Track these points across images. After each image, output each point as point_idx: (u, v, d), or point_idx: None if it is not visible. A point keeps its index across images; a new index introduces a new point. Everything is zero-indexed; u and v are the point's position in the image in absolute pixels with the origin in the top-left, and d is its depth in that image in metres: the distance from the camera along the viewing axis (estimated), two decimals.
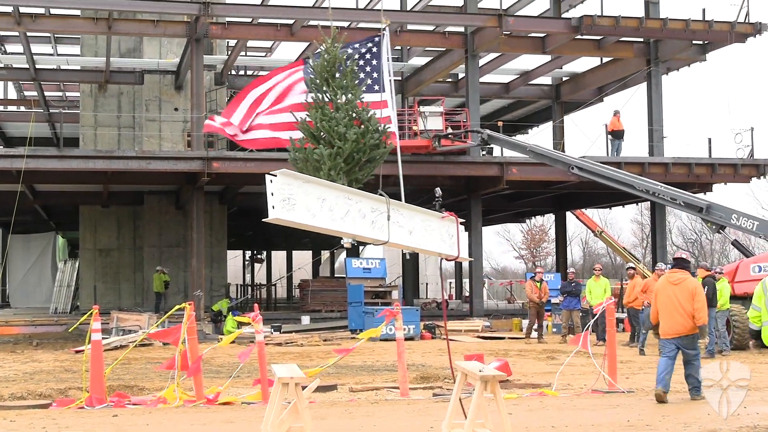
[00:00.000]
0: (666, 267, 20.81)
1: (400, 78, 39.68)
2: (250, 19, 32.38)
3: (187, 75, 33.32)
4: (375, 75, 13.99)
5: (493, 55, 37.76)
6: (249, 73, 44.36)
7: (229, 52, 36.84)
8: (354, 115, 12.26)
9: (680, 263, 13.49)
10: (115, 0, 32.49)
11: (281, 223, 9.33)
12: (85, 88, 37.66)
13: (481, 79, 36.19)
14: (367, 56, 14.55)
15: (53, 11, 34.25)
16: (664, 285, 13.26)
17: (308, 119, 12.14)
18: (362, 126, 12.21)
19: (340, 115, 12.07)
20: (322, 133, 11.78)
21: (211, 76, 36.79)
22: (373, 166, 12.30)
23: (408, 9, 37.55)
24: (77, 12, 33.66)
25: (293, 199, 9.29)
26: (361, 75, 14.71)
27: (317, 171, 11.89)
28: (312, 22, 32.34)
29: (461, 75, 38.73)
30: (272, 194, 9.04)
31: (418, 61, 40.78)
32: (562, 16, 38.46)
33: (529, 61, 39.73)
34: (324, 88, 12.36)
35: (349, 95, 12.30)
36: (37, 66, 36.17)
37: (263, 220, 9.42)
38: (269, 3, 34.75)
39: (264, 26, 32.15)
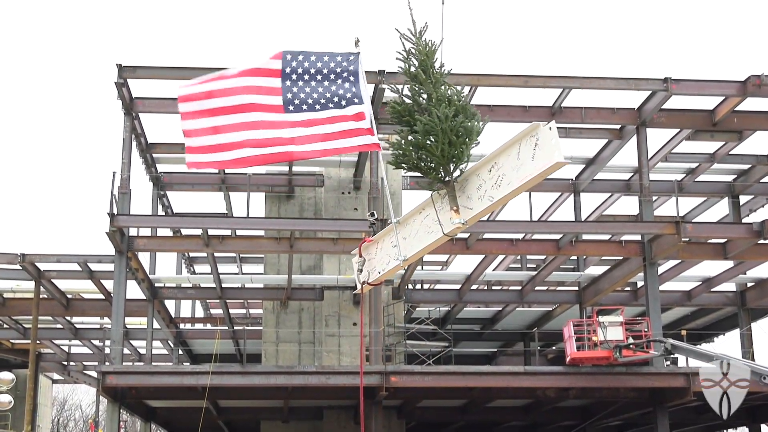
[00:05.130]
0: None
1: (576, 288, 39.26)
2: None
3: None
4: (354, 90, 13.63)
5: (672, 262, 37.04)
6: (426, 286, 44.84)
7: (406, 267, 37.44)
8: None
9: None
10: (296, 221, 33.99)
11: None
12: (267, 305, 38.77)
13: (662, 287, 35.39)
14: (338, 70, 14.12)
15: (239, 233, 35.92)
16: None
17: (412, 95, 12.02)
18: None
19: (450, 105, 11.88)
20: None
21: (389, 291, 37.34)
22: None
23: (582, 219, 37.57)
24: (261, 233, 35.15)
25: None
26: (342, 89, 14.26)
27: (451, 146, 11.51)
28: (487, 235, 32.71)
29: (640, 283, 38.02)
30: None
31: (595, 270, 40.37)
32: (743, 221, 37.66)
33: (710, 267, 38.76)
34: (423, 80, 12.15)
35: (449, 89, 12.07)
36: (223, 285, 37.61)
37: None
38: None
39: None
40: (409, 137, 11.70)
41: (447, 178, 11.60)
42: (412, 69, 11.96)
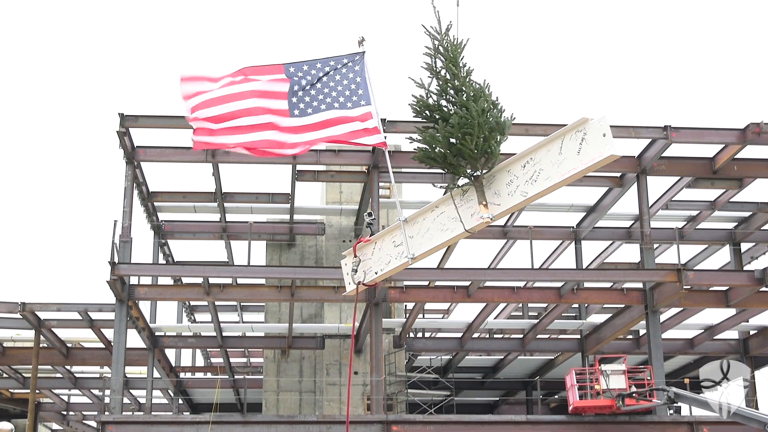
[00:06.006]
0: None
1: (578, 336, 39.12)
2: (427, 282, 32.95)
3: (366, 338, 33.84)
4: (360, 91, 13.49)
5: (674, 310, 36.94)
6: (427, 335, 44.69)
7: (407, 315, 37.37)
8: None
9: None
10: (297, 269, 33.96)
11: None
12: (268, 354, 38.63)
13: (664, 335, 35.25)
14: (344, 70, 13.95)
15: (240, 281, 35.89)
16: None
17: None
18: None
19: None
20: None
21: (390, 339, 37.22)
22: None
23: (583, 267, 37.53)
24: (262, 281, 35.11)
25: None
26: (348, 90, 14.08)
27: (485, 141, 11.42)
28: (488, 283, 32.65)
29: (642, 331, 37.89)
30: None
31: (597, 318, 40.26)
32: (744, 268, 37.63)
33: (713, 315, 38.63)
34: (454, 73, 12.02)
35: (477, 84, 11.94)
36: (224, 334, 37.49)
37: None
38: (445, 266, 35.31)
39: (441, 289, 32.63)
40: (442, 130, 11.58)
41: (476, 173, 11.54)
42: (439, 64, 11.93)
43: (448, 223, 11.99)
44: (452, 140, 11.60)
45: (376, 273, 13.02)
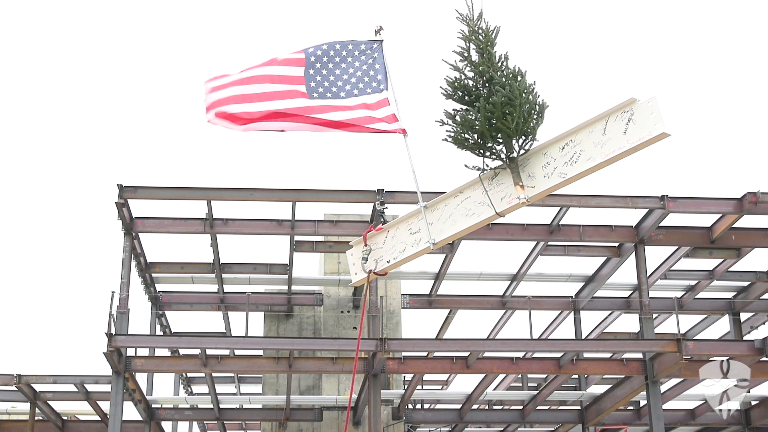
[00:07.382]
0: None
1: (579, 407, 38.80)
2: (425, 353, 32.77)
3: (364, 410, 33.55)
4: (379, 76, 13.54)
5: (675, 380, 36.71)
6: (426, 406, 44.34)
7: (406, 387, 37.08)
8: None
9: None
10: (295, 340, 33.85)
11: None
12: (265, 427, 38.22)
13: (665, 406, 34.94)
14: (362, 57, 14.06)
15: (237, 352, 35.67)
16: None
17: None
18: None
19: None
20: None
21: (389, 411, 36.88)
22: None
23: (583, 337, 37.37)
24: (260, 352, 34.93)
25: None
26: (366, 76, 14.13)
27: (524, 122, 11.29)
28: (487, 354, 32.48)
29: (643, 402, 37.61)
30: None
31: (597, 389, 39.96)
32: (744, 338, 37.50)
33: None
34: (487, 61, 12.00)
35: (509, 68, 11.94)
36: (221, 406, 37.16)
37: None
38: (444, 337, 35.15)
39: (440, 360, 32.42)
40: (483, 108, 11.58)
41: (513, 155, 11.49)
42: (473, 49, 12.00)
43: (475, 207, 11.86)
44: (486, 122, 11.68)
45: (388, 262, 12.91)
